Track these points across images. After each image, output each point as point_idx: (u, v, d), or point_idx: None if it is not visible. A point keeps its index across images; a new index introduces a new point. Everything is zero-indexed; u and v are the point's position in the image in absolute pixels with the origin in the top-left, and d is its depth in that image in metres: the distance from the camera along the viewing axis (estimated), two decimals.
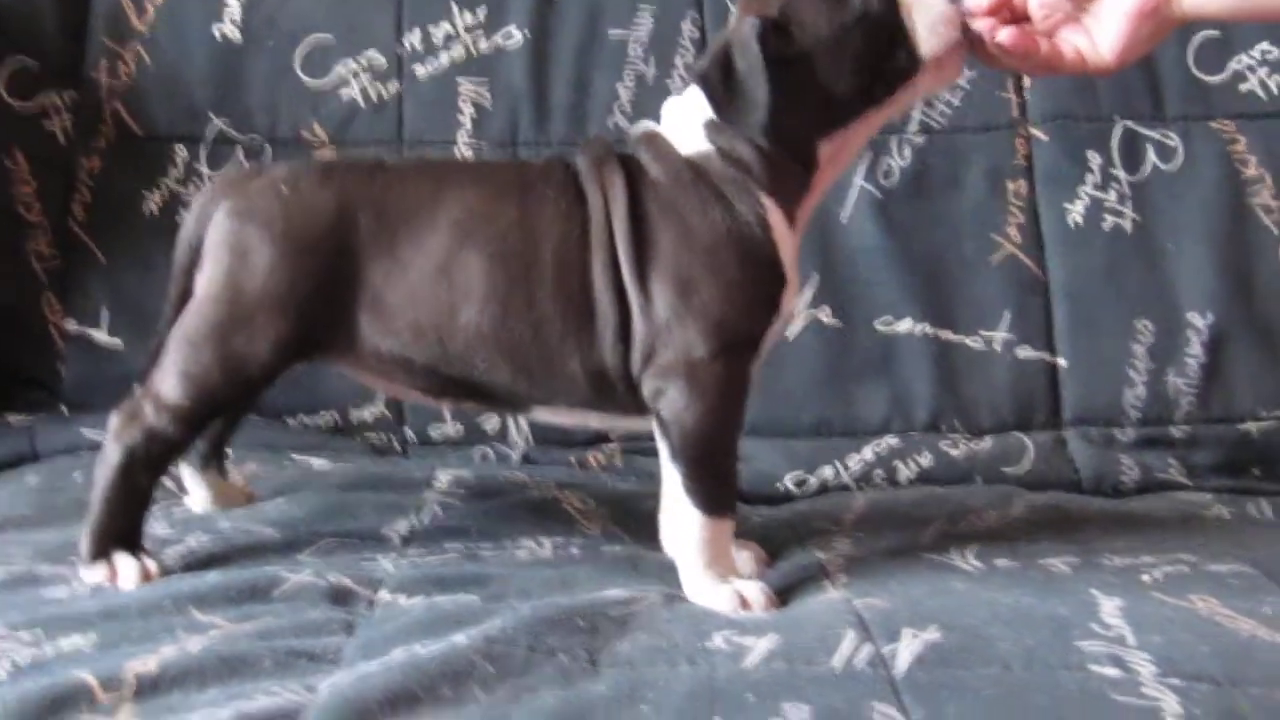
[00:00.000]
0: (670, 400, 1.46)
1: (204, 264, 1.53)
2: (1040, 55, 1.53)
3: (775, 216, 1.49)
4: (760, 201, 1.49)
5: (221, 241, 1.51)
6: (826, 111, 1.49)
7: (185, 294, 1.55)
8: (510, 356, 1.50)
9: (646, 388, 1.48)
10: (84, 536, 1.47)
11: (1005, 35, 1.51)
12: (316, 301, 1.50)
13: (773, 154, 1.48)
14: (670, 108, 1.56)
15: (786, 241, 1.50)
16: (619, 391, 1.51)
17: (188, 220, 1.56)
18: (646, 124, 1.57)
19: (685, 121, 1.52)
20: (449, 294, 1.49)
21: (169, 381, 1.49)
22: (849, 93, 1.49)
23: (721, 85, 1.45)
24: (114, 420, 1.51)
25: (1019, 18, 1.55)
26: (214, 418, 1.58)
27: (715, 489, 1.48)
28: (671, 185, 1.50)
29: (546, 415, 1.59)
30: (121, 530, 1.48)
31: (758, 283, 1.48)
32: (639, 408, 1.52)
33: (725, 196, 1.48)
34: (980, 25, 1.51)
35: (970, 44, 1.52)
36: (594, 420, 1.58)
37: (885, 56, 1.49)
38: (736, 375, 1.48)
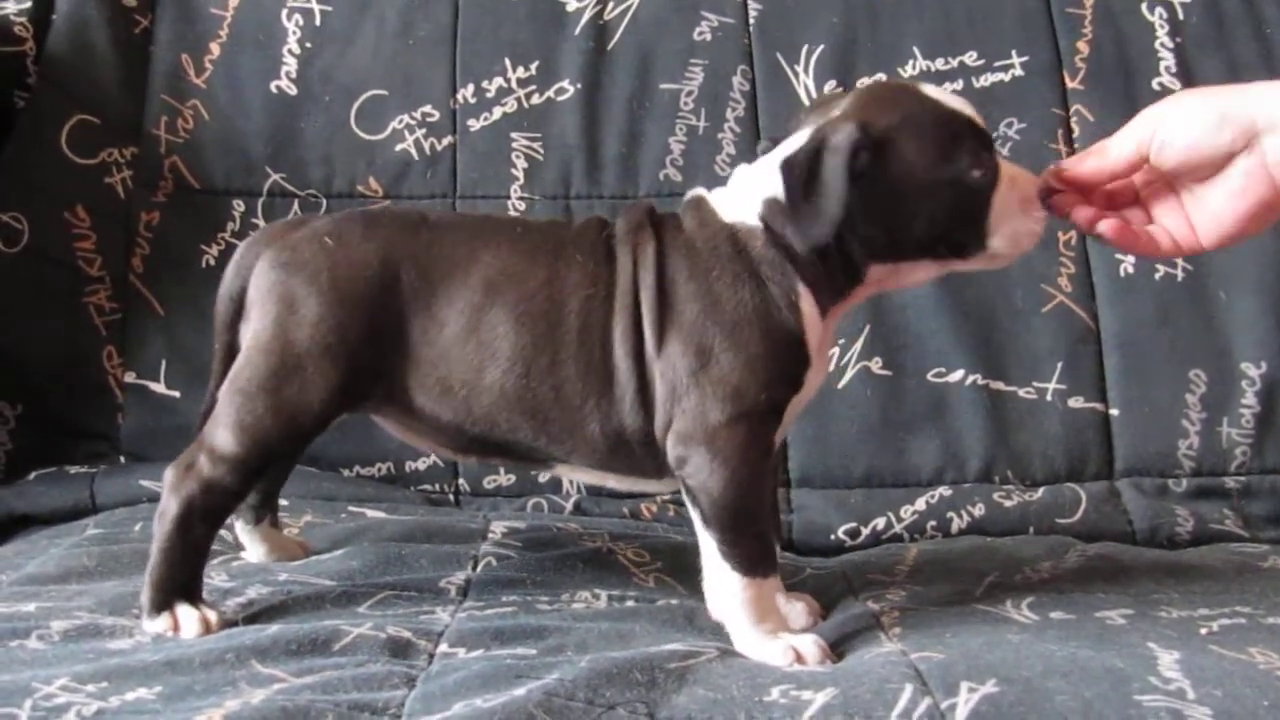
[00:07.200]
0: (694, 468, 1.45)
1: (250, 315, 1.54)
2: (1138, 242, 1.53)
3: (808, 303, 1.48)
4: (795, 287, 1.48)
5: (268, 292, 1.53)
6: (884, 241, 1.48)
7: (230, 348, 1.57)
8: (532, 417, 1.51)
9: (670, 454, 1.47)
10: (145, 588, 1.48)
11: (1106, 228, 1.51)
12: (363, 352, 1.51)
13: (821, 253, 1.47)
14: (739, 174, 1.55)
15: (816, 327, 1.49)
16: (637, 454, 1.51)
17: (227, 274, 1.58)
18: (698, 190, 1.58)
19: (747, 192, 1.52)
20: (477, 353, 1.50)
21: (223, 433, 1.50)
22: (910, 236, 1.47)
23: (801, 182, 1.43)
24: (170, 474, 1.51)
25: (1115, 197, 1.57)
26: (269, 466, 1.58)
27: (751, 550, 1.47)
28: (708, 254, 1.49)
29: (566, 473, 1.60)
30: (182, 581, 1.49)
31: (780, 359, 1.47)
32: (656, 471, 1.52)
33: (759, 275, 1.48)
34: (1082, 217, 1.52)
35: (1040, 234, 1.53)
36: (611, 481, 1.59)
37: (957, 227, 1.48)
38: (757, 440, 1.46)
